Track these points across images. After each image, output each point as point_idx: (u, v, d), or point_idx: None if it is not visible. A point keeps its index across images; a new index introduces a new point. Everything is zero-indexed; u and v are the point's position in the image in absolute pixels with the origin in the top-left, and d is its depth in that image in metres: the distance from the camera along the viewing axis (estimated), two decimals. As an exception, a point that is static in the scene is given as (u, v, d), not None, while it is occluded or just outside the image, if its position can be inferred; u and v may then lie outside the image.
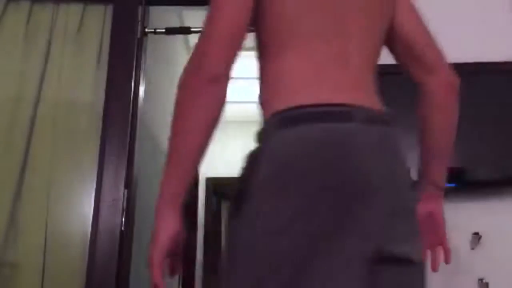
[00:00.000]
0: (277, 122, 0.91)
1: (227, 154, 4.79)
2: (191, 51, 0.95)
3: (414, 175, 2.01)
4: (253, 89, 1.61)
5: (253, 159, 0.92)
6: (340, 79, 0.95)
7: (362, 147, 0.88)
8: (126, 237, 2.10)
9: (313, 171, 0.85)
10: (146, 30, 2.36)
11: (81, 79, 2.32)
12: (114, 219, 2.07)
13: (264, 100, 0.98)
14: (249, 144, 0.98)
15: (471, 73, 2.14)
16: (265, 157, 0.89)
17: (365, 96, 0.96)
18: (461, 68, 2.15)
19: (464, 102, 2.10)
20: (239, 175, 0.94)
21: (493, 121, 2.08)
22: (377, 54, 1.08)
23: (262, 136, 0.94)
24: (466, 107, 2.10)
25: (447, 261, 1.27)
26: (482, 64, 2.16)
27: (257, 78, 1.03)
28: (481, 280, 1.99)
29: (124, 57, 2.28)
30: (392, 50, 1.17)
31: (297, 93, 0.93)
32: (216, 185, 4.98)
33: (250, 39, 1.00)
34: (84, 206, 2.14)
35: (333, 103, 0.90)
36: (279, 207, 0.84)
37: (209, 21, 0.94)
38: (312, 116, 0.88)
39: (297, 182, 0.84)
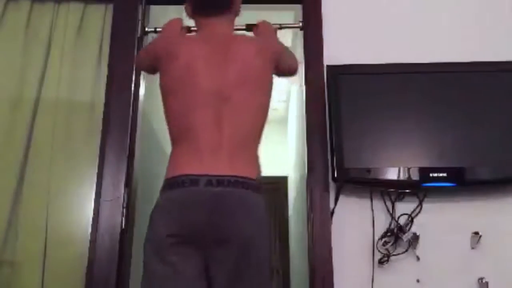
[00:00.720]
0: (162, 186, 1.52)
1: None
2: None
3: (415, 175, 2.02)
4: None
5: (154, 207, 1.52)
6: (205, 160, 1.49)
7: (197, 202, 1.44)
8: (126, 235, 2.10)
9: (165, 218, 1.46)
10: (146, 29, 2.36)
11: (81, 79, 2.32)
12: (115, 218, 2.07)
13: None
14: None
15: (471, 73, 2.14)
16: (153, 210, 1.51)
17: (223, 168, 1.47)
18: (461, 68, 2.16)
19: (464, 102, 2.11)
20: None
21: (493, 121, 2.08)
22: (259, 124, 1.61)
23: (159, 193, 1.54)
24: (466, 107, 2.11)
25: None
26: (482, 64, 2.16)
27: None
28: (481, 279, 1.99)
29: (124, 56, 2.28)
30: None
31: (174, 169, 1.51)
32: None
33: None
34: (85, 205, 2.14)
35: (191, 173, 1.46)
36: (150, 235, 1.49)
37: (141, 51, 1.97)
38: (175, 183, 1.47)
39: (156, 224, 1.47)
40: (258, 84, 1.62)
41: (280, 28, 2.21)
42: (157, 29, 2.27)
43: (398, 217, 2.05)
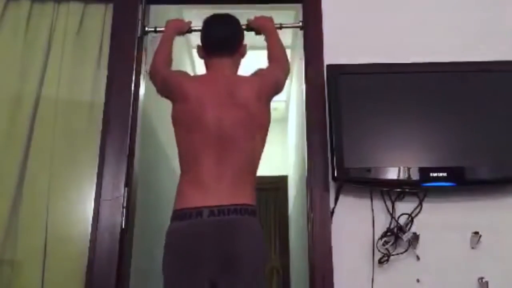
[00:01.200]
0: (172, 216, 1.78)
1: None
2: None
3: (415, 175, 2.02)
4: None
5: (166, 233, 1.77)
6: (208, 193, 1.75)
7: (202, 232, 1.71)
8: (126, 235, 2.10)
9: (177, 246, 1.74)
10: (147, 28, 2.36)
11: (81, 79, 2.32)
12: (115, 218, 2.07)
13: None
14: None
15: (471, 72, 2.15)
16: (166, 237, 1.77)
17: (224, 198, 1.73)
18: (461, 68, 2.16)
19: (464, 102, 2.11)
20: None
21: (493, 121, 2.08)
22: (255, 159, 1.85)
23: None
24: (466, 107, 2.11)
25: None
26: (482, 64, 2.16)
27: None
28: (481, 279, 2.00)
29: (124, 56, 2.28)
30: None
31: (182, 201, 1.77)
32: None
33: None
34: (85, 205, 2.14)
35: (196, 206, 1.73)
36: (165, 260, 1.76)
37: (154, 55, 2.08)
38: (183, 215, 1.74)
39: (170, 251, 1.75)
40: (256, 126, 1.85)
41: (280, 28, 2.22)
42: (157, 29, 2.27)
43: (398, 217, 2.06)
